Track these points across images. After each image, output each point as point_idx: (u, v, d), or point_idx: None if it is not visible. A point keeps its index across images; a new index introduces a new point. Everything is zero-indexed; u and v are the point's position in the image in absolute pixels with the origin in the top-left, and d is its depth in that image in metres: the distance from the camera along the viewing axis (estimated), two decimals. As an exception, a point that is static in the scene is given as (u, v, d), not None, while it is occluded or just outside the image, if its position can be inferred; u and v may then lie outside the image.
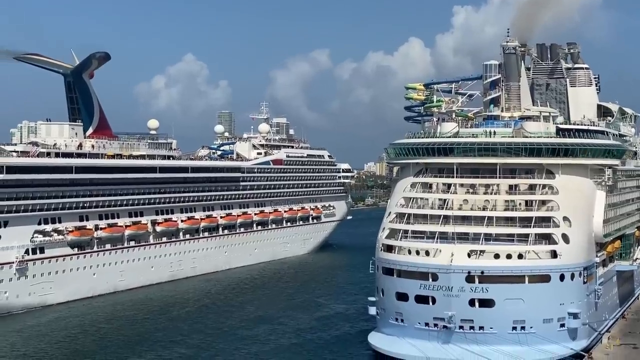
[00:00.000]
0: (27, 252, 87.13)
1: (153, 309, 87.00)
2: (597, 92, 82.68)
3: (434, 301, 59.53)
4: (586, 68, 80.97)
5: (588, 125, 72.06)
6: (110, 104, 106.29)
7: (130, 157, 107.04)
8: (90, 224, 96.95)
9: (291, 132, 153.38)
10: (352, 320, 77.32)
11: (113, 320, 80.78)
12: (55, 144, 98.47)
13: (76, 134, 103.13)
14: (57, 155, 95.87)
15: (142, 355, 65.20)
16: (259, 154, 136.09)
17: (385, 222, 65.15)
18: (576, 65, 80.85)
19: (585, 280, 61.87)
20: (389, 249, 63.23)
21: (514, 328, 58.61)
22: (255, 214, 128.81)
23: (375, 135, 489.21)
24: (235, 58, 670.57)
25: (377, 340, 63.58)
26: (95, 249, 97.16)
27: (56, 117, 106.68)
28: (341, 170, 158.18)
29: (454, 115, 70.34)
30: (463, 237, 60.74)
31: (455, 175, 64.04)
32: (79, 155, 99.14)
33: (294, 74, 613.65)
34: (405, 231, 63.19)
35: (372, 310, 65.51)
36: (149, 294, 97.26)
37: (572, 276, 60.40)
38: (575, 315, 60.14)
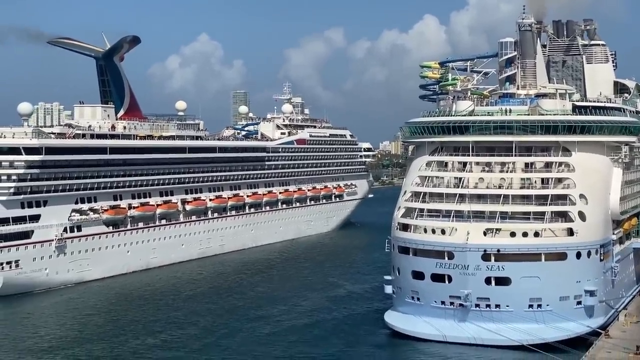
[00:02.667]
0: (65, 230, 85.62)
1: (174, 288, 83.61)
2: (614, 69, 78.58)
3: (450, 280, 56.99)
4: (603, 45, 76.67)
5: (604, 102, 68.48)
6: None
7: (160, 137, 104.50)
8: (123, 203, 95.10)
9: (306, 111, 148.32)
10: (369, 299, 73.46)
11: (130, 299, 77.51)
12: (90, 126, 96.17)
13: (108, 115, 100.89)
14: (92, 136, 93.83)
15: (149, 336, 61.21)
16: (283, 134, 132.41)
17: (401, 201, 62.40)
18: (592, 42, 76.48)
19: (601, 257, 58.70)
20: (405, 227, 60.59)
21: (530, 306, 55.89)
22: (280, 193, 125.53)
23: (391, 114, 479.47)
24: (249, 37, 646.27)
25: (394, 318, 60.86)
26: (128, 227, 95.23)
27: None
28: (362, 149, 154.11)
29: (469, 94, 66.76)
30: (479, 216, 58.01)
31: (470, 153, 61.17)
32: (112, 137, 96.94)
33: (308, 53, 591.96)
34: (421, 210, 60.48)
35: (388, 289, 62.85)
36: (178, 271, 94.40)
37: (589, 254, 57.30)
38: (591, 293, 57.12)
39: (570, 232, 56.51)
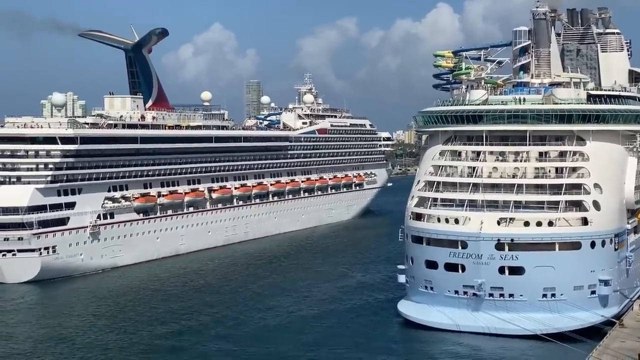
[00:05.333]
0: (99, 217, 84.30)
1: (187, 278, 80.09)
2: (629, 58, 73.82)
3: (463, 269, 53.88)
4: (617, 33, 72.01)
5: (619, 91, 64.10)
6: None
7: (188, 127, 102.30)
8: (153, 191, 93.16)
9: (319, 100, 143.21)
10: (382, 288, 69.85)
11: (143, 289, 74.13)
12: (121, 116, 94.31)
13: (137, 106, 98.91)
14: (123, 126, 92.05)
15: (159, 326, 58.31)
16: (304, 123, 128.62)
17: (415, 190, 59.21)
18: (607, 30, 71.84)
19: (616, 247, 55.10)
20: (418, 217, 57.44)
21: (544, 295, 52.64)
22: (302, 182, 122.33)
23: (404, 103, 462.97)
24: (262, 27, 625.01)
25: (407, 308, 57.70)
26: (158, 214, 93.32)
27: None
28: (382, 138, 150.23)
29: (483, 83, 62.98)
30: (492, 205, 54.69)
31: (484, 142, 57.63)
32: (142, 127, 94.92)
33: (321, 43, 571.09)
34: (435, 199, 57.26)
35: (402, 279, 59.67)
36: (201, 259, 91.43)
37: (603, 243, 53.84)
38: (606, 282, 53.65)
39: (585, 221, 53.19)
